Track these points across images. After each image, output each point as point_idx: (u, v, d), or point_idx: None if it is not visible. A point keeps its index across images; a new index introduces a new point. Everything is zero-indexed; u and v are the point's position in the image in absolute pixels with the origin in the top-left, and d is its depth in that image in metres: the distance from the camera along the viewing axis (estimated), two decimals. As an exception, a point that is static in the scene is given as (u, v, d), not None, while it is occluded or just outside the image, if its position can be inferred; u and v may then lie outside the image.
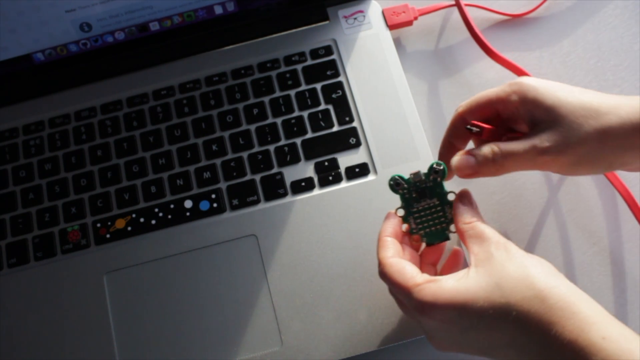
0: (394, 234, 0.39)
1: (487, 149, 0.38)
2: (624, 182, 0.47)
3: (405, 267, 0.36)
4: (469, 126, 0.39)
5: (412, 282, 0.35)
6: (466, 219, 0.38)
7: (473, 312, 0.33)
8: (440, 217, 0.40)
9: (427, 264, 0.41)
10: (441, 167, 0.39)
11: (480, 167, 0.38)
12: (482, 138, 0.39)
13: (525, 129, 0.39)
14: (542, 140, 0.36)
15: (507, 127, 0.40)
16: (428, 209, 0.40)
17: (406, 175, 0.40)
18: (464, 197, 0.39)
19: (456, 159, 0.39)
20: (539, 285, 0.33)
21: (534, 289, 0.32)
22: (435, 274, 0.41)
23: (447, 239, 0.40)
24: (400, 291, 0.36)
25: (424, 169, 0.40)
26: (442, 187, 0.39)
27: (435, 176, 0.39)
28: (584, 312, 0.31)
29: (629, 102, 0.36)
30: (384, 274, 0.37)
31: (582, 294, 0.33)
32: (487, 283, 0.33)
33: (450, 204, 0.39)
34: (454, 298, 0.34)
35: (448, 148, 0.42)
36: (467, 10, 0.54)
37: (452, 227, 0.39)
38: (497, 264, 0.34)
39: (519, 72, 0.52)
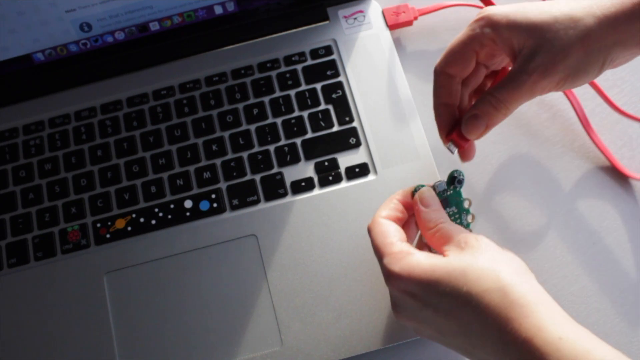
0: (403, 201, 0.40)
1: (486, 103, 0.38)
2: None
3: (389, 231, 0.37)
4: (447, 145, 0.42)
5: (388, 249, 0.36)
6: (430, 224, 0.38)
7: (435, 292, 0.34)
8: (459, 225, 0.40)
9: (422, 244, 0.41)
10: (462, 177, 0.40)
11: (489, 121, 0.39)
12: (461, 150, 0.41)
13: (506, 61, 0.39)
14: (532, 69, 0.36)
15: (487, 70, 0.41)
16: (450, 217, 0.40)
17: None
18: (423, 199, 0.39)
19: (464, 126, 0.39)
20: (504, 280, 0.33)
21: (498, 283, 0.32)
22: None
23: None
24: (376, 252, 0.37)
25: (439, 178, 0.41)
26: (460, 194, 0.40)
27: (457, 185, 0.40)
28: (543, 311, 0.31)
29: (599, 1, 0.36)
30: (369, 230, 0.38)
31: (544, 294, 0.33)
32: (455, 269, 0.34)
33: (467, 210, 0.40)
34: (420, 275, 0.34)
35: (444, 111, 0.42)
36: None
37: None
38: (468, 254, 0.34)
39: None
